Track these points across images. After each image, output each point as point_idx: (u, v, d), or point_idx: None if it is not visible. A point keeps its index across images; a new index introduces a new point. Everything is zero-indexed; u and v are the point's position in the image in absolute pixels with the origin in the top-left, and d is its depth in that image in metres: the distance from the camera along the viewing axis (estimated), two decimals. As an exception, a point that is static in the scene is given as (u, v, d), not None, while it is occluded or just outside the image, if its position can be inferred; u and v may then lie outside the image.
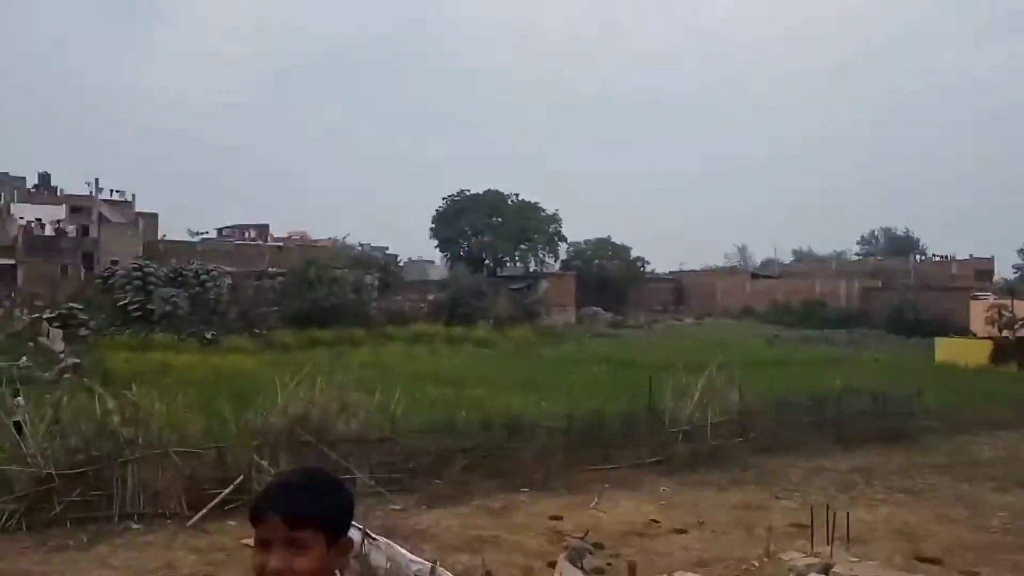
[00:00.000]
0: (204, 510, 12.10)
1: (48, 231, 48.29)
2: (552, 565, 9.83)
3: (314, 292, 42.59)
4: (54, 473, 11.57)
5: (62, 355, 28.68)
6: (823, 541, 9.06)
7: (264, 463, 12.47)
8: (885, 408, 20.10)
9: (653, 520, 12.78)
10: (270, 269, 47.06)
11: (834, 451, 18.12)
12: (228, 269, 43.31)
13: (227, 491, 12.45)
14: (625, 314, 60.26)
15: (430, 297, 50.79)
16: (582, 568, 9.08)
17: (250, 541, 7.17)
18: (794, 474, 16.17)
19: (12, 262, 42.71)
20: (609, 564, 10.65)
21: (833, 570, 6.03)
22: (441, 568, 9.10)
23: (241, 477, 12.65)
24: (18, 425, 12.70)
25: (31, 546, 10.82)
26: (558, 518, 12.73)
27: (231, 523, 12.06)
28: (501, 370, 29.04)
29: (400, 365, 29.23)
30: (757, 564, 10.24)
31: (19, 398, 14.01)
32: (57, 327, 33.36)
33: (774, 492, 14.74)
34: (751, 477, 15.91)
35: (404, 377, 22.01)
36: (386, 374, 20.64)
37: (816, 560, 6.32)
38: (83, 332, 33.82)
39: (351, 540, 1.72)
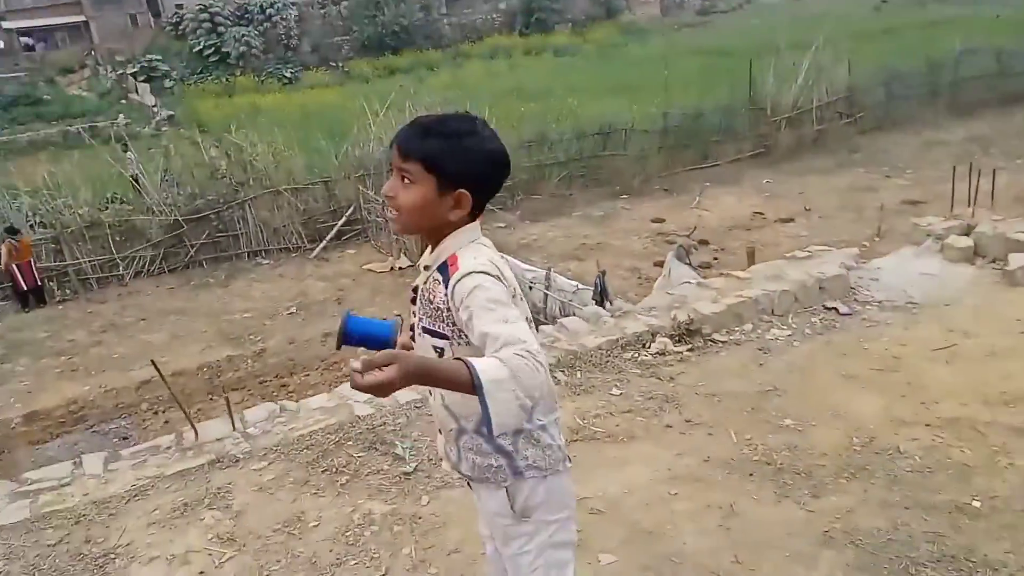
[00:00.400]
0: (323, 242, 12.82)
1: (107, -19, 46.90)
2: (659, 264, 10.05)
3: (382, 15, 40.84)
4: (180, 219, 12.31)
5: (155, 108, 29.30)
6: (941, 215, 8.78)
7: (370, 192, 12.80)
8: (1007, 68, 18.41)
9: (757, 212, 12.72)
10: (334, -5, 44.85)
11: (949, 122, 17.08)
12: (292, 0, 41.58)
13: (340, 223, 13.05)
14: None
15: (501, 6, 47.79)
16: (689, 264, 9.19)
17: (372, 266, 7.42)
18: (905, 151, 15.49)
19: (82, 18, 42.29)
20: (715, 258, 10.83)
21: (976, 230, 5.76)
22: (555, 273, 9.49)
23: (351, 208, 13.14)
24: (135, 179, 13.37)
25: (176, 286, 11.88)
26: (660, 220, 12.84)
27: (351, 251, 12.80)
28: (587, 77, 27.89)
29: (481, 84, 28.45)
30: (868, 245, 10.15)
31: (129, 153, 14.59)
32: (143, 81, 33.70)
33: (884, 172, 14.26)
34: (859, 159, 15.37)
35: (487, 95, 21.49)
36: (469, 94, 20.12)
37: (955, 222, 6.04)
38: (168, 83, 34.10)
39: (467, 196, 1.61)
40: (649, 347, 4.38)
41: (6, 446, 7.77)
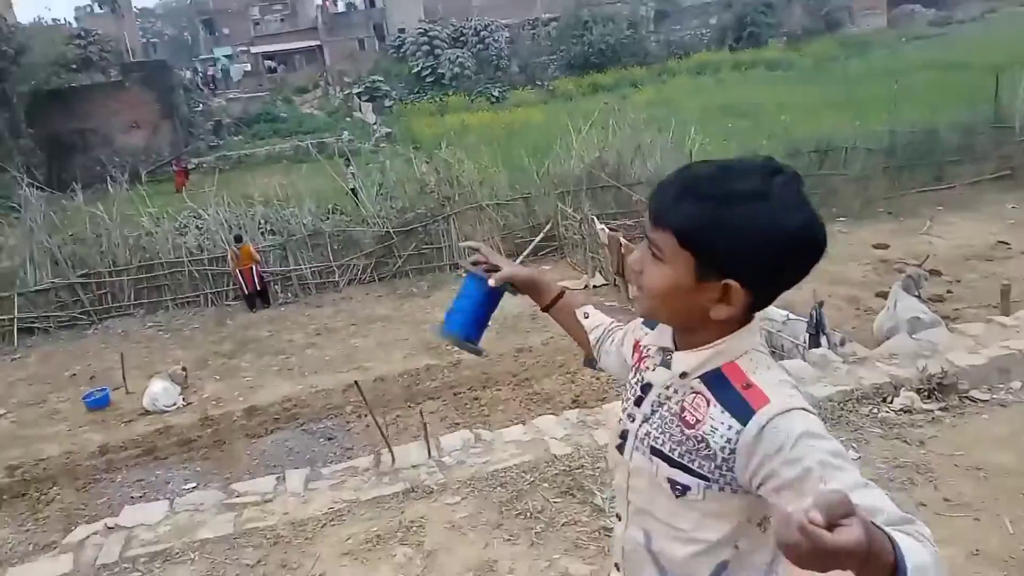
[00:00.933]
0: (520, 257, 12.90)
1: (340, 7, 51.30)
2: (882, 295, 9.08)
3: (589, 34, 41.17)
4: (391, 231, 12.91)
5: (375, 126, 31.39)
6: None
7: (568, 210, 12.73)
8: None
9: (1001, 242, 11.22)
10: (543, 16, 45.96)
11: None
12: (504, 21, 43.02)
13: (538, 239, 13.09)
14: (952, 7, 50.49)
15: (712, 21, 46.48)
16: (918, 296, 8.18)
17: (567, 283, 7.11)
18: None
19: (318, 43, 46.55)
20: (949, 291, 9.63)
21: None
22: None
23: (549, 225, 13.15)
24: (354, 191, 14.25)
25: (384, 295, 12.44)
26: (883, 246, 11.69)
27: (546, 267, 12.78)
28: (802, 92, 26.30)
29: (687, 100, 27.73)
30: None
31: (351, 167, 15.60)
32: (366, 100, 36.31)
33: None
34: None
35: (693, 112, 20.84)
36: (674, 111, 19.62)
37: None
38: (388, 103, 36.47)
39: (739, 290, 1.13)
40: (891, 402, 3.76)
41: (227, 437, 8.39)
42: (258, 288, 12.25)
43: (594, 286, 11.42)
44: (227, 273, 12.47)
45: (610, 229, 11.30)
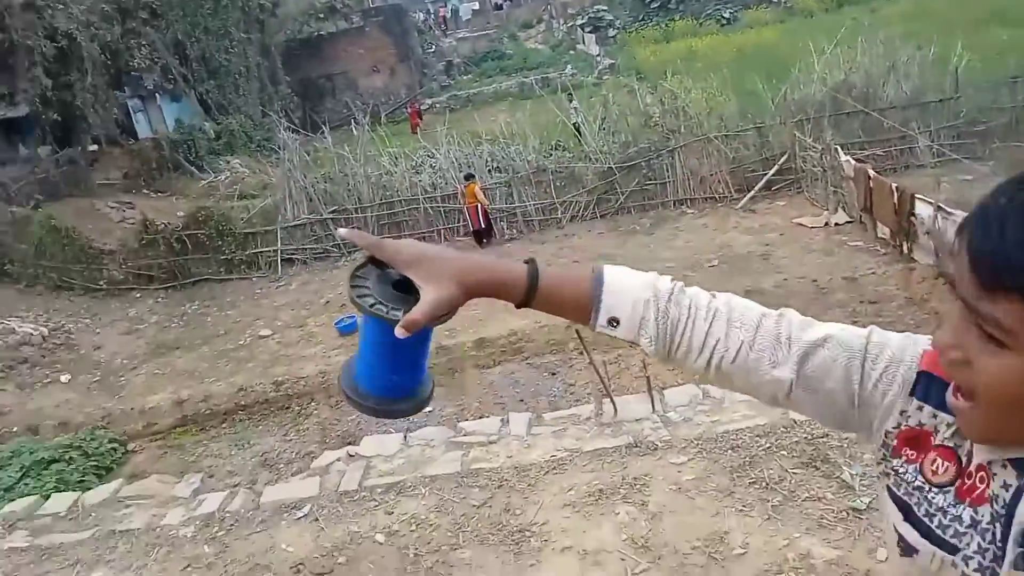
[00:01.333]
0: (751, 192, 12.13)
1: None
2: None
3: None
4: (613, 167, 12.67)
5: (598, 58, 30.82)
6: None
7: (807, 139, 11.70)
8: None
9: None
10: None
11: None
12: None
13: (771, 172, 12.20)
14: None
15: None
16: None
17: (803, 220, 6.23)
18: None
19: (542, -25, 46.33)
20: None
21: None
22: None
23: (784, 156, 12.19)
24: (576, 127, 14.12)
25: (605, 232, 12.30)
26: None
27: (780, 203, 11.91)
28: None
29: (950, 11, 24.20)
30: None
31: (574, 102, 15.45)
32: (589, 31, 35.68)
33: None
34: None
35: (959, 24, 18.15)
36: (935, 24, 17.19)
37: None
38: (611, 33, 35.59)
39: None
40: None
41: (459, 367, 8.84)
42: (483, 226, 12.65)
43: (836, 224, 10.48)
44: (458, 210, 12.98)
45: (856, 160, 10.25)
